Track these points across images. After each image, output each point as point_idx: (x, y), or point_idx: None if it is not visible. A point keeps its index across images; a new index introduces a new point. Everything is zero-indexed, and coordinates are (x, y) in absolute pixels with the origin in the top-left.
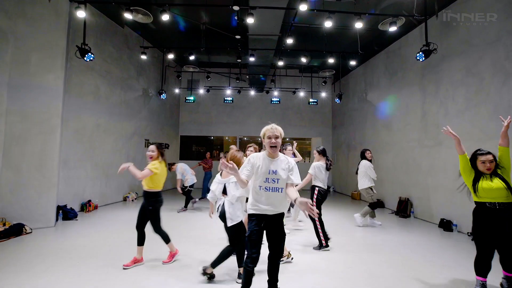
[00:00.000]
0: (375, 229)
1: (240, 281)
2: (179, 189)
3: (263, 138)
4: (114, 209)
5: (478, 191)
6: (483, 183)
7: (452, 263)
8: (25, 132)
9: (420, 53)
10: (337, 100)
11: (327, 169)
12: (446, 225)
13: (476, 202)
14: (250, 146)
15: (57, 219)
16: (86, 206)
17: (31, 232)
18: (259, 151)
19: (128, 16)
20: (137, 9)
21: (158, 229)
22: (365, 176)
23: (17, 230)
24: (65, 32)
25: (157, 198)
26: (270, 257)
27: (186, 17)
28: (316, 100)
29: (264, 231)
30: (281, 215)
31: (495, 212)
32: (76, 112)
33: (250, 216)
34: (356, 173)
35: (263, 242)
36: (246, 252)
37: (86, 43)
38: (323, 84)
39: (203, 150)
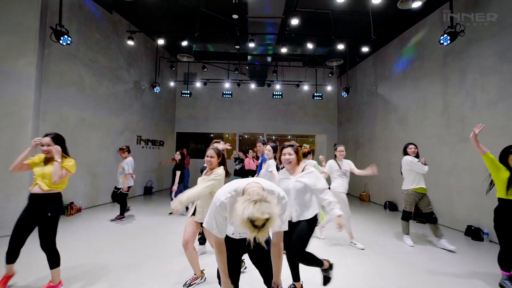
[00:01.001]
0: (390, 233)
1: None
2: (125, 187)
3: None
4: (100, 212)
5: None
6: None
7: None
8: None
9: (445, 35)
10: (344, 94)
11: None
12: (474, 233)
13: (503, 200)
14: (217, 142)
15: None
16: (68, 209)
17: None
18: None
19: None
20: None
21: (53, 245)
22: (410, 175)
23: None
24: (38, 13)
25: (61, 201)
26: None
27: None
28: (321, 94)
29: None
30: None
31: None
32: (55, 104)
33: None
34: (401, 173)
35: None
36: None
37: (63, 24)
38: (330, 75)
39: (203, 148)
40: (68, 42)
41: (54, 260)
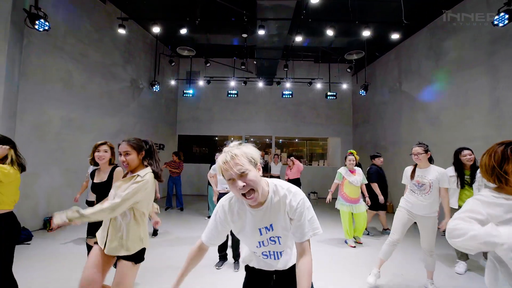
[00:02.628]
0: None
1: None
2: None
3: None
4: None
5: None
6: None
7: None
8: None
9: (503, 14)
10: (361, 92)
11: None
12: None
13: None
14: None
15: None
16: (50, 223)
17: None
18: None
19: None
20: None
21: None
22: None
23: None
24: None
25: (15, 221)
26: None
27: None
28: (335, 93)
29: None
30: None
31: None
32: (36, 102)
33: None
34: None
35: None
36: None
37: (40, 7)
38: (348, 70)
39: (207, 151)
40: (46, 28)
41: None
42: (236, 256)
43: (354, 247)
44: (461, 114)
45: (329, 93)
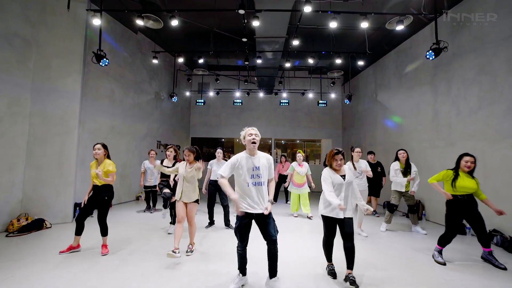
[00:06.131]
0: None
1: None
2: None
3: (243, 139)
4: (127, 208)
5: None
6: None
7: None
8: (46, 133)
9: (430, 51)
10: (346, 101)
11: None
12: (460, 228)
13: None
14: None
15: (74, 216)
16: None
17: (50, 227)
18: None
19: (139, 22)
20: (148, 16)
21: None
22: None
23: (38, 224)
24: (83, 39)
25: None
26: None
27: (195, 22)
28: (325, 102)
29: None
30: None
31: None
32: (92, 114)
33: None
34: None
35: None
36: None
37: (102, 49)
38: (332, 85)
39: (213, 151)
40: (106, 63)
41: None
42: (227, 221)
43: (296, 217)
44: (415, 121)
45: (320, 101)
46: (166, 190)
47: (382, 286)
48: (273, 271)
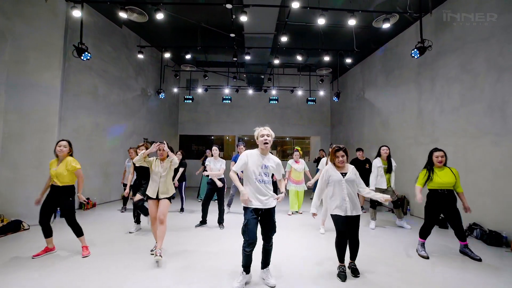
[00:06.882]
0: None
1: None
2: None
3: (256, 139)
4: (112, 207)
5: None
6: None
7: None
8: (22, 130)
9: (415, 50)
10: (335, 99)
11: None
12: (441, 222)
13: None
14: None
15: (55, 217)
16: (84, 204)
17: (28, 229)
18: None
19: (123, 15)
20: (132, 8)
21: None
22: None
23: (14, 226)
24: (62, 31)
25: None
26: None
27: (182, 16)
28: (314, 99)
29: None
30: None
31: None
32: (74, 111)
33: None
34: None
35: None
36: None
37: (83, 42)
38: (320, 82)
39: (204, 149)
40: (88, 57)
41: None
42: (221, 220)
43: (290, 215)
44: (401, 118)
45: (309, 99)
46: (137, 198)
47: (366, 280)
48: (265, 263)
